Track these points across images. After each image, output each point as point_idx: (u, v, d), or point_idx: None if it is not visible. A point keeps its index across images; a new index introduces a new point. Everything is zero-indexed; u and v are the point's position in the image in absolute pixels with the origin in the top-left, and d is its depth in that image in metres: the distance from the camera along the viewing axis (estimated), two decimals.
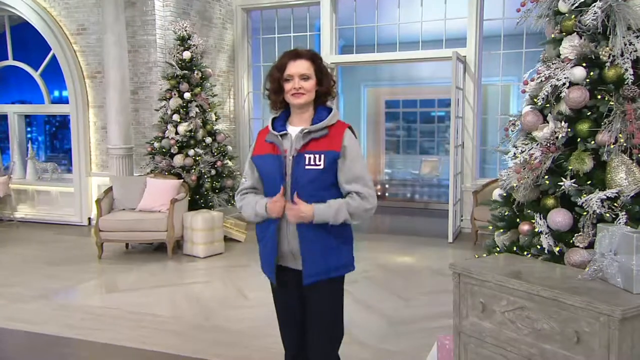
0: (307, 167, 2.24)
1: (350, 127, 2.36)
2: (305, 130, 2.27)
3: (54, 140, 12.29)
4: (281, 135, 2.33)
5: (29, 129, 11.98)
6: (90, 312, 4.56)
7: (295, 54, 2.32)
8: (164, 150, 7.03)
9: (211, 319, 4.39)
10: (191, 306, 4.70)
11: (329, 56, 8.31)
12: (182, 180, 6.84)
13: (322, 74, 2.33)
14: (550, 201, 2.83)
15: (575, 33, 2.87)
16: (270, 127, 2.38)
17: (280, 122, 2.39)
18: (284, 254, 2.35)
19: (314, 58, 2.33)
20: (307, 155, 2.25)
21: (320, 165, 2.24)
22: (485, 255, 3.22)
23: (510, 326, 2.40)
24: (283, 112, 2.41)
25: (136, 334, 4.06)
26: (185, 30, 7.12)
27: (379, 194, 11.07)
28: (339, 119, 2.37)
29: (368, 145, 11.38)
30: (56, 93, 9.92)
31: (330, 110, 2.36)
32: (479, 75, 7.69)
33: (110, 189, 6.69)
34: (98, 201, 6.40)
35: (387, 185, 11.16)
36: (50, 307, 4.69)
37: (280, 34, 8.88)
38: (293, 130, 2.34)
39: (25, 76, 8.92)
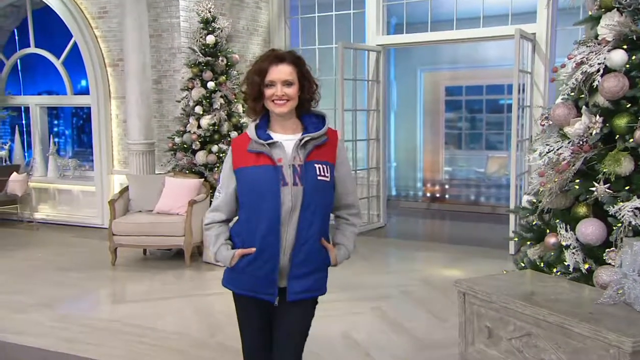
0: (319, 177, 2.35)
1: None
2: (307, 138, 2.36)
3: (82, 134, 12.87)
4: (269, 144, 2.37)
5: (55, 122, 12.61)
6: (91, 324, 4.78)
7: (277, 58, 2.37)
8: (185, 146, 7.23)
9: (216, 335, 4.50)
10: (199, 320, 4.84)
11: (375, 37, 8.28)
12: (204, 179, 7.02)
13: (305, 79, 2.41)
14: (581, 210, 2.74)
15: (615, 9, 2.77)
16: (253, 135, 2.41)
17: (262, 130, 2.43)
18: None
19: (297, 62, 2.40)
20: (317, 165, 2.36)
21: (327, 177, 2.38)
22: (513, 270, 3.16)
23: (518, 356, 2.36)
24: (261, 120, 2.47)
25: (132, 351, 4.22)
26: (209, 12, 7.29)
27: (438, 195, 10.96)
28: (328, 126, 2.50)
29: (425, 139, 11.25)
30: (83, 83, 10.37)
31: (319, 116, 2.48)
32: (551, 55, 7.44)
33: (126, 188, 6.96)
34: (111, 202, 6.67)
35: (447, 186, 10.98)
36: (50, 318, 4.95)
37: (320, 12, 8.93)
38: (281, 137, 2.40)
39: (52, 65, 9.39)
